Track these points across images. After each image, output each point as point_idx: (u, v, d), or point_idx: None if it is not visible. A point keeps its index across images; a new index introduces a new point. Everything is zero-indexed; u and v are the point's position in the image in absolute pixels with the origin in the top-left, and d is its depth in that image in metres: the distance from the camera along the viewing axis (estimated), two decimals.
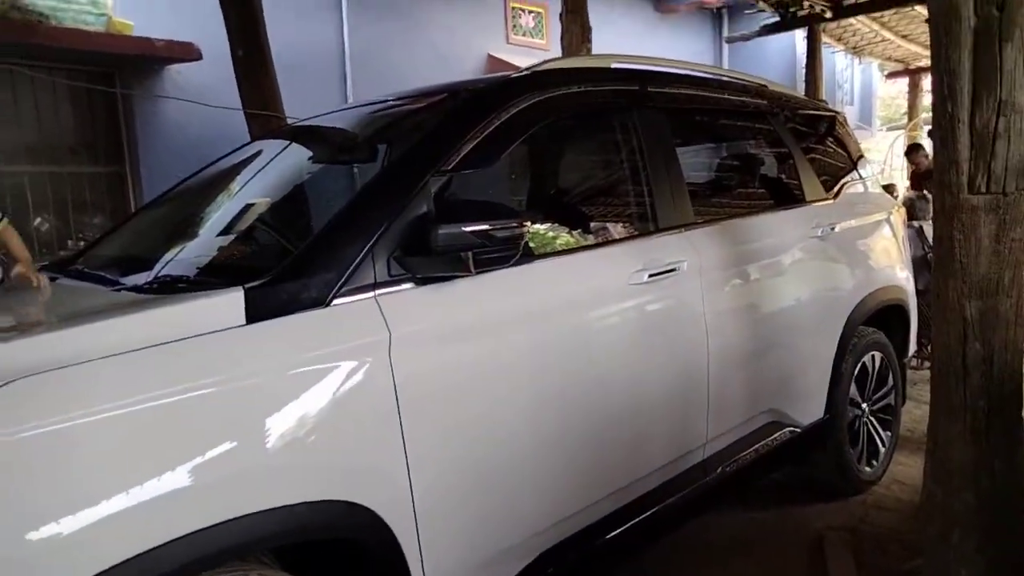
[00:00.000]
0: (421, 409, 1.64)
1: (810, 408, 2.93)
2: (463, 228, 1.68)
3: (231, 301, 1.48)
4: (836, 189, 3.25)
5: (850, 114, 13.10)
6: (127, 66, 6.09)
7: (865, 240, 3.26)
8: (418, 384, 1.64)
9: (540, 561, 1.98)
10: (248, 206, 2.51)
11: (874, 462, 3.31)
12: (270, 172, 2.65)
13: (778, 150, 3.15)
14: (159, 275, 1.84)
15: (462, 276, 1.73)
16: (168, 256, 2.20)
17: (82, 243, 6.02)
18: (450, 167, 1.84)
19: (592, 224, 2.32)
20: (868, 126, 15.87)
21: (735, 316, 2.52)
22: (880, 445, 3.34)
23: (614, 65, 2.53)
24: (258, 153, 2.76)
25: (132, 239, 2.56)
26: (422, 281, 1.72)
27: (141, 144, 6.20)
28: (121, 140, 6.19)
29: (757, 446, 2.69)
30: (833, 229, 3.01)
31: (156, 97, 6.01)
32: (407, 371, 1.62)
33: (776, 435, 2.77)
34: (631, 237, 2.33)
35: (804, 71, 10.07)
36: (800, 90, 9.21)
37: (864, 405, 3.26)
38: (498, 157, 2.00)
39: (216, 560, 1.38)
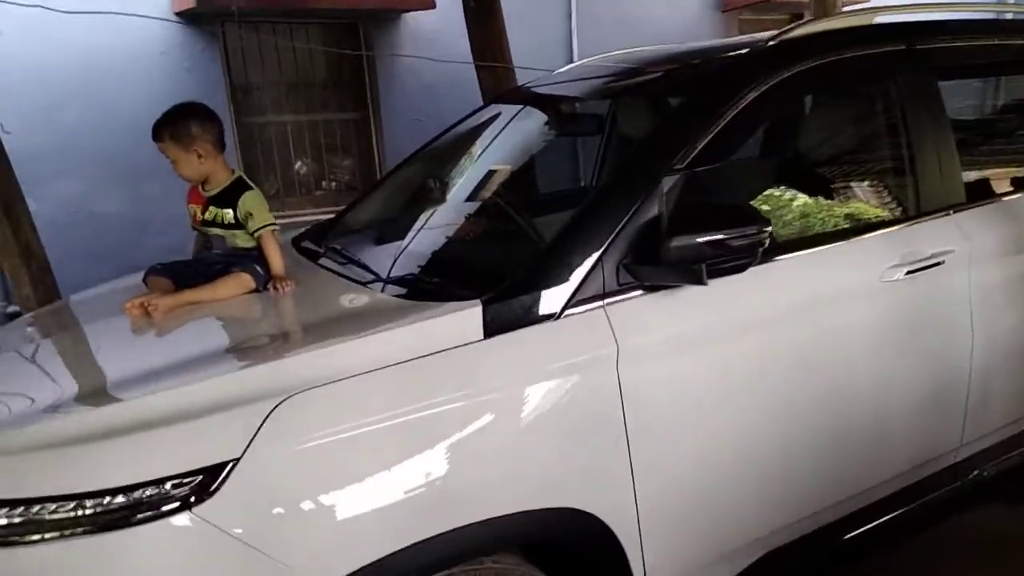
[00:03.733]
0: (647, 419, 1.64)
1: None
2: (696, 239, 1.61)
3: (470, 316, 1.55)
4: None
5: None
6: (368, 17, 6.51)
7: None
8: (645, 394, 1.64)
9: (765, 560, 1.96)
10: (479, 186, 2.58)
11: None
12: (502, 147, 2.69)
13: None
14: (406, 275, 1.95)
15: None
16: (407, 245, 2.26)
17: (334, 184, 6.68)
18: (685, 164, 1.75)
19: (840, 211, 2.11)
20: None
21: (1011, 312, 2.20)
22: None
23: (876, 22, 2.23)
24: (495, 117, 2.74)
25: (376, 214, 2.72)
26: (651, 288, 1.69)
27: (382, 90, 6.66)
28: (365, 88, 6.68)
29: None
30: None
31: (395, 56, 6.38)
32: (634, 382, 1.62)
33: None
34: (886, 224, 2.09)
35: None
36: None
37: None
38: (738, 149, 1.88)
39: (463, 557, 1.51)
